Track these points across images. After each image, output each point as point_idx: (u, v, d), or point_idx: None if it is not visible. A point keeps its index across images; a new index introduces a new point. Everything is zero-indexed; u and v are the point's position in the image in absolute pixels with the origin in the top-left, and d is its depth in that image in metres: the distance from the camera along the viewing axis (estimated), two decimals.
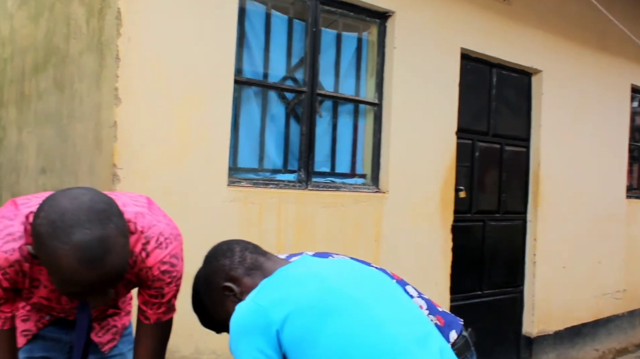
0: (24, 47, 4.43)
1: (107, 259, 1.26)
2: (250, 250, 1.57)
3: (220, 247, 1.60)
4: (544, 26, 5.19)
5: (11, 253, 1.38)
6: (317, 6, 3.79)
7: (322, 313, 1.30)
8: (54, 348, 1.66)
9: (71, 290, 1.30)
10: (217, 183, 3.25)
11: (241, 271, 1.52)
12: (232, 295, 1.50)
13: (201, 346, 3.21)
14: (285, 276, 1.42)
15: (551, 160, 5.34)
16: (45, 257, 1.27)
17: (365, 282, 1.44)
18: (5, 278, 1.39)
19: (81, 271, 1.24)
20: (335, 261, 1.55)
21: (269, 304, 1.32)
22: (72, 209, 1.26)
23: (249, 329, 1.31)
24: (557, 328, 5.44)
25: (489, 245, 5.03)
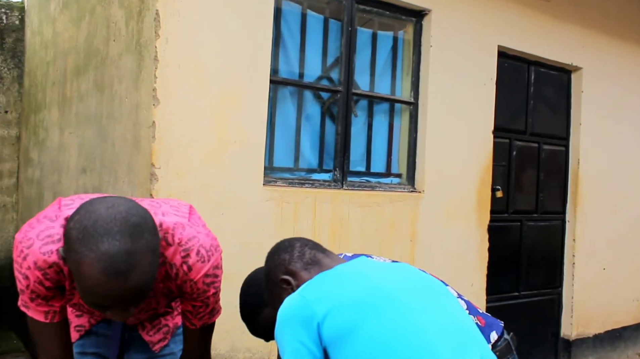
0: (66, 49, 4.53)
1: (131, 275, 1.23)
2: (310, 246, 1.63)
3: (282, 243, 1.67)
4: (583, 22, 5.08)
5: (49, 255, 1.38)
6: (352, 5, 3.79)
7: (363, 311, 1.32)
8: (105, 343, 1.68)
9: (92, 301, 1.27)
10: (253, 182, 3.27)
11: (299, 266, 1.57)
12: (289, 288, 1.55)
13: (237, 345, 3.24)
14: (335, 274, 1.46)
15: (591, 159, 5.24)
16: (71, 262, 1.25)
17: (416, 287, 1.44)
18: (46, 278, 1.41)
19: (103, 283, 1.21)
20: (390, 265, 1.55)
21: (314, 298, 1.37)
22: (106, 218, 1.24)
23: (293, 320, 1.36)
24: (597, 330, 5.32)
25: (527, 246, 4.96)
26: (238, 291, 3.25)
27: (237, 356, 3.24)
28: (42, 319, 1.46)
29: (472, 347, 1.34)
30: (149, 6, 3.04)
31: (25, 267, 1.40)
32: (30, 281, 1.41)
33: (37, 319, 1.46)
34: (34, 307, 1.45)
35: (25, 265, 1.40)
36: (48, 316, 1.47)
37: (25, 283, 1.42)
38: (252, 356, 3.30)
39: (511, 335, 1.99)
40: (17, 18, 6.06)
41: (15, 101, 5.98)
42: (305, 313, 1.35)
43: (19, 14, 6.08)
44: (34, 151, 5.45)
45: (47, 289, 1.43)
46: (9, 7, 6.04)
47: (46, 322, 1.46)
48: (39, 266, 1.38)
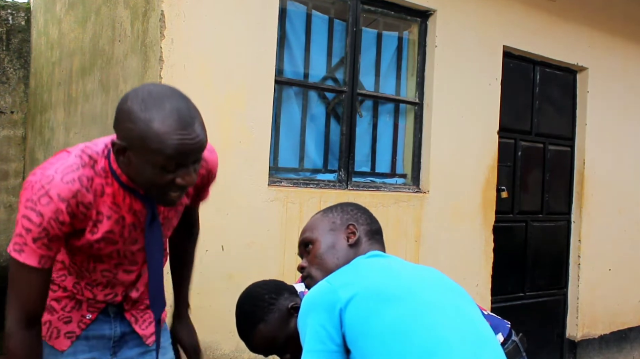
0: (72, 50, 4.55)
1: (195, 126, 1.39)
2: (376, 224, 1.72)
3: (360, 206, 1.74)
4: (589, 22, 5.07)
5: (72, 183, 1.44)
6: (357, 6, 3.79)
7: (384, 301, 1.35)
8: (98, 346, 1.67)
9: (164, 163, 1.37)
10: (257, 183, 3.28)
11: (365, 229, 1.65)
12: (347, 235, 1.62)
13: (242, 344, 3.22)
14: (364, 264, 1.51)
15: (597, 159, 5.22)
16: (139, 132, 1.35)
17: (440, 288, 1.46)
18: (67, 211, 1.43)
19: (177, 133, 1.35)
20: (419, 267, 1.59)
21: (339, 284, 1.40)
22: (157, 88, 1.41)
23: (317, 305, 1.39)
24: (603, 331, 5.31)
25: (532, 246, 4.94)
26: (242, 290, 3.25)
27: (241, 356, 3.24)
28: (35, 264, 1.45)
29: (487, 351, 1.35)
30: (154, 7, 3.05)
31: (43, 203, 1.41)
32: (44, 219, 1.42)
33: (28, 264, 1.44)
34: (33, 249, 1.44)
35: (45, 200, 1.42)
36: (42, 261, 1.46)
37: (38, 220, 1.42)
38: (257, 356, 3.30)
39: (520, 336, 1.97)
40: (23, 19, 6.08)
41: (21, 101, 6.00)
42: (329, 298, 1.38)
43: (25, 15, 6.10)
44: (40, 151, 5.47)
45: (61, 224, 1.44)
46: (15, 8, 6.07)
47: (37, 267, 1.45)
48: (63, 196, 1.43)
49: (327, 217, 1.67)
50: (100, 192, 1.51)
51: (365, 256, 1.58)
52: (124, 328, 1.73)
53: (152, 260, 1.62)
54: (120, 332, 1.72)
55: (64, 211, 1.43)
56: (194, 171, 1.45)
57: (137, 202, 1.56)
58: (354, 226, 1.63)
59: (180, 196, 1.49)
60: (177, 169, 1.41)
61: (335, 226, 1.64)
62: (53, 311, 1.66)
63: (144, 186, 1.48)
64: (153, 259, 1.62)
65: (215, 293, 3.12)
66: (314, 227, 1.67)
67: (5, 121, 5.94)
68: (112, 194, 1.52)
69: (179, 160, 1.39)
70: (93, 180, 1.50)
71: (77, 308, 1.67)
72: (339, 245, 1.61)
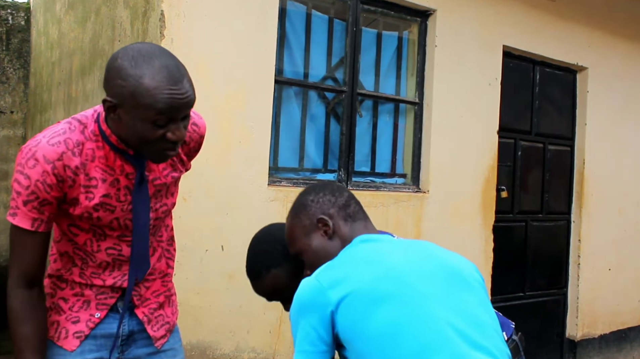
0: (71, 50, 4.55)
1: (185, 80, 1.44)
2: (355, 202, 1.62)
3: (331, 184, 1.64)
4: (589, 22, 5.07)
5: (58, 145, 1.48)
6: (357, 5, 3.79)
7: (377, 299, 1.33)
8: (106, 345, 1.67)
9: (155, 118, 1.41)
10: (257, 182, 3.28)
11: (341, 214, 1.56)
12: (324, 231, 1.55)
13: (242, 344, 3.24)
14: (352, 255, 1.45)
15: (596, 159, 5.22)
16: (130, 88, 1.38)
17: (434, 274, 1.40)
18: (53, 172, 1.47)
19: (168, 88, 1.39)
20: (412, 247, 1.51)
21: (329, 284, 1.37)
22: (146, 46, 1.44)
23: (307, 305, 1.38)
24: (603, 331, 5.31)
25: (532, 246, 4.95)
26: (242, 290, 3.25)
27: (241, 356, 3.24)
28: (28, 226, 1.49)
29: (485, 340, 1.32)
30: (154, 7, 3.05)
31: (30, 166, 1.46)
32: (31, 181, 1.46)
33: (22, 227, 1.49)
34: (25, 212, 1.48)
35: (31, 163, 1.46)
36: (35, 224, 1.50)
37: (25, 183, 1.47)
38: (257, 356, 3.30)
39: (519, 336, 1.97)
40: (23, 19, 6.08)
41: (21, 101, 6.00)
42: (319, 300, 1.36)
43: (24, 15, 6.10)
44: None
45: (49, 187, 1.47)
46: (14, 8, 6.07)
47: (31, 230, 1.50)
48: (48, 158, 1.46)
49: (296, 224, 1.60)
50: (92, 156, 1.53)
51: (352, 244, 1.51)
52: (132, 326, 1.72)
53: (137, 220, 1.63)
54: (128, 330, 1.71)
55: (49, 172, 1.47)
56: (184, 127, 1.49)
57: (127, 165, 1.58)
58: (323, 219, 1.56)
59: (174, 149, 1.51)
60: (168, 124, 1.45)
61: (307, 229, 1.57)
62: (61, 311, 1.65)
63: (135, 144, 1.50)
64: (139, 219, 1.63)
65: (215, 293, 3.12)
66: (291, 240, 1.62)
67: (5, 121, 5.94)
68: (104, 156, 1.55)
69: (170, 114, 1.43)
70: (83, 145, 1.53)
71: (85, 308, 1.66)
72: (321, 245, 1.55)
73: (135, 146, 1.51)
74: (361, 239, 1.51)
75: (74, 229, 1.61)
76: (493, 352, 1.31)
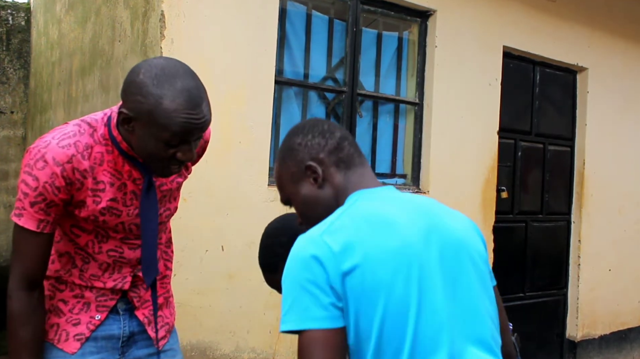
0: (72, 50, 4.55)
1: (204, 104, 1.46)
2: (350, 142, 1.40)
3: (321, 124, 1.42)
4: (590, 23, 5.07)
5: (68, 148, 1.48)
6: (357, 6, 3.79)
7: (392, 274, 1.17)
8: (107, 346, 1.66)
9: (168, 139, 1.42)
10: (257, 183, 3.28)
11: (332, 159, 1.37)
12: (312, 178, 1.36)
13: (242, 345, 3.24)
14: (359, 216, 1.25)
15: (597, 159, 5.22)
16: (149, 106, 1.40)
17: (446, 255, 1.25)
18: (62, 174, 1.47)
19: (186, 112, 1.41)
20: (423, 214, 1.30)
21: (340, 249, 1.17)
22: (169, 65, 1.45)
23: (313, 264, 1.17)
24: (603, 332, 5.31)
25: (532, 246, 4.95)
26: (242, 291, 3.26)
27: (241, 356, 3.24)
28: (34, 228, 1.49)
29: (481, 331, 1.25)
30: (154, 7, 3.05)
31: (39, 167, 1.46)
32: (39, 183, 1.46)
33: (27, 228, 1.49)
34: (31, 213, 1.48)
35: (40, 164, 1.46)
36: (40, 225, 1.50)
37: (34, 184, 1.46)
38: (257, 356, 3.30)
39: (515, 336, 1.97)
40: (23, 19, 6.08)
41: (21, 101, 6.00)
42: (329, 261, 1.16)
43: (24, 15, 6.10)
44: None
45: (57, 189, 1.47)
46: (15, 8, 6.07)
47: (36, 231, 1.50)
48: (58, 160, 1.46)
49: (283, 170, 1.41)
50: (100, 160, 1.54)
51: (354, 201, 1.30)
52: (133, 328, 1.71)
53: (146, 226, 1.63)
54: (129, 331, 1.70)
55: (59, 174, 1.47)
56: (195, 147, 1.51)
57: (135, 171, 1.59)
58: (311, 166, 1.35)
59: (178, 169, 1.53)
60: (179, 145, 1.46)
61: (295, 176, 1.38)
62: (61, 314, 1.64)
63: (144, 157, 1.51)
64: (148, 225, 1.63)
65: (215, 293, 3.12)
66: (279, 187, 1.44)
67: (5, 121, 5.94)
68: (112, 161, 1.56)
69: (184, 137, 1.44)
70: (92, 148, 1.53)
71: (86, 310, 1.65)
72: (311, 194, 1.36)
73: (143, 158, 1.52)
74: (363, 196, 1.31)
75: (76, 230, 1.61)
76: (490, 344, 1.26)
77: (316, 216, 1.35)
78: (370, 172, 1.41)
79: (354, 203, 1.30)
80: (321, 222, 1.27)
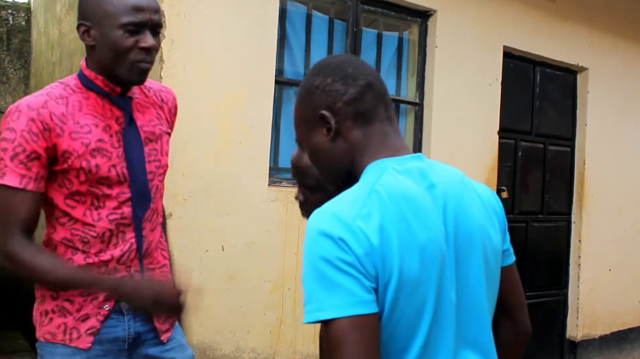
0: (72, 50, 4.55)
1: None
2: (375, 93, 1.20)
3: (346, 65, 1.22)
4: (589, 23, 5.07)
5: (41, 96, 1.55)
6: (357, 6, 3.79)
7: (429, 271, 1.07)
8: (112, 349, 1.64)
9: (124, 22, 1.53)
10: (258, 183, 3.28)
11: (350, 111, 1.17)
12: (325, 128, 1.19)
13: (242, 345, 3.24)
14: (394, 198, 1.08)
15: (597, 160, 5.22)
16: (96, 2, 1.56)
17: (468, 254, 1.15)
18: (38, 119, 1.50)
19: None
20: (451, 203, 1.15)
21: (375, 237, 1.03)
22: None
23: (342, 248, 1.02)
24: (603, 332, 5.30)
25: (532, 246, 4.94)
26: (243, 290, 3.26)
27: (241, 356, 3.24)
28: (17, 184, 1.49)
29: (479, 334, 1.19)
30: None
31: (14, 119, 1.50)
32: (17, 133, 1.49)
33: (9, 185, 1.49)
34: (12, 169, 1.49)
35: (15, 116, 1.50)
36: (23, 181, 1.50)
37: (11, 136, 1.49)
38: (257, 356, 3.30)
39: None
40: (24, 19, 6.08)
41: None
42: (359, 237, 1.03)
43: (25, 15, 6.10)
44: None
45: (35, 136, 1.49)
46: (15, 8, 6.07)
47: (19, 187, 1.50)
48: (32, 106, 1.51)
49: (298, 111, 1.26)
50: (79, 106, 1.59)
51: (375, 176, 1.12)
52: (137, 328, 1.68)
53: (132, 158, 1.64)
54: (134, 332, 1.68)
55: (35, 119, 1.50)
56: (155, 40, 1.59)
57: (115, 108, 1.64)
58: (324, 116, 1.18)
59: (148, 61, 1.59)
60: (138, 33, 1.55)
61: (308, 122, 1.22)
62: (67, 314, 1.61)
63: (112, 61, 1.57)
64: (133, 156, 1.65)
65: (216, 293, 3.12)
66: (294, 124, 1.29)
67: None
68: (91, 105, 1.61)
69: (136, 17, 1.54)
70: (67, 98, 1.59)
71: (93, 302, 1.61)
72: (322, 144, 1.20)
73: (113, 65, 1.58)
74: (390, 169, 1.13)
75: (70, 201, 1.59)
76: (487, 350, 1.20)
77: (327, 169, 1.24)
78: (393, 129, 1.21)
79: (381, 177, 1.11)
80: (348, 198, 1.10)
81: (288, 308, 3.38)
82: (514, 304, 1.34)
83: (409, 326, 1.07)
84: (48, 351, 1.62)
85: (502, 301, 1.27)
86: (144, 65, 1.59)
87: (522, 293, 1.38)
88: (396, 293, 1.03)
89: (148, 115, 1.73)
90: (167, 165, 1.80)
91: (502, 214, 1.29)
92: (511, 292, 1.31)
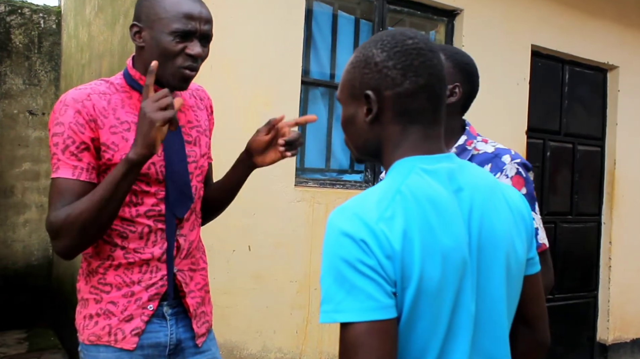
0: (101, 52, 4.61)
1: (202, 4, 1.65)
2: (431, 94, 1.12)
3: (414, 54, 1.11)
4: (620, 20, 4.98)
5: (84, 89, 1.60)
6: (383, 6, 3.78)
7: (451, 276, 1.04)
8: (153, 356, 1.64)
9: (175, 28, 1.57)
10: (284, 183, 3.29)
11: (397, 105, 1.11)
12: (366, 108, 1.13)
13: (268, 344, 3.25)
14: (420, 201, 1.05)
15: (627, 159, 5.13)
16: (151, 4, 1.60)
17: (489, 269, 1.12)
18: (84, 111, 1.55)
19: (185, 3, 1.59)
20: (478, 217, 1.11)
21: (398, 241, 1.00)
22: None
23: (365, 250, 1.00)
24: (635, 335, 5.21)
25: (561, 248, 4.88)
26: (270, 292, 3.27)
27: (268, 356, 3.25)
28: (70, 175, 1.52)
29: (494, 349, 1.15)
30: None
31: (62, 113, 1.54)
32: (65, 126, 1.53)
33: (64, 177, 1.52)
34: (64, 161, 1.52)
35: (62, 110, 1.55)
36: (75, 172, 1.53)
37: (60, 130, 1.53)
38: (284, 356, 3.31)
39: None
40: (54, 22, 6.19)
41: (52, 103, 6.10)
42: (381, 242, 1.00)
43: (55, 18, 6.21)
44: None
45: (81, 126, 1.53)
46: (46, 12, 6.17)
47: (72, 178, 1.53)
48: (76, 99, 1.56)
49: (346, 76, 1.18)
50: (121, 104, 1.62)
51: (402, 174, 1.09)
52: (179, 335, 1.69)
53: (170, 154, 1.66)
54: (176, 339, 1.68)
55: (80, 110, 1.55)
56: (203, 51, 1.62)
57: None
58: (369, 97, 1.11)
59: (193, 69, 1.62)
60: (187, 40, 1.59)
61: (355, 92, 1.15)
62: (111, 316, 1.61)
63: (159, 64, 1.58)
64: (172, 152, 1.66)
65: (242, 293, 3.14)
66: (340, 85, 1.22)
67: (37, 123, 6.05)
68: (134, 104, 1.64)
69: (187, 25, 1.57)
70: (110, 96, 1.62)
71: (137, 302, 1.62)
72: (357, 121, 1.16)
73: (159, 69, 1.58)
74: (417, 169, 1.09)
75: None
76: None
77: (354, 142, 1.20)
78: (437, 135, 1.15)
79: (408, 177, 1.08)
80: (372, 197, 1.06)
81: (314, 308, 3.39)
82: (535, 314, 1.29)
83: (424, 334, 1.04)
84: (91, 355, 1.62)
85: (522, 310, 1.24)
86: (188, 72, 1.61)
87: (544, 302, 1.33)
88: (415, 299, 1.01)
89: (188, 116, 1.77)
90: (205, 166, 1.83)
91: (531, 221, 1.25)
92: (533, 302, 1.27)
